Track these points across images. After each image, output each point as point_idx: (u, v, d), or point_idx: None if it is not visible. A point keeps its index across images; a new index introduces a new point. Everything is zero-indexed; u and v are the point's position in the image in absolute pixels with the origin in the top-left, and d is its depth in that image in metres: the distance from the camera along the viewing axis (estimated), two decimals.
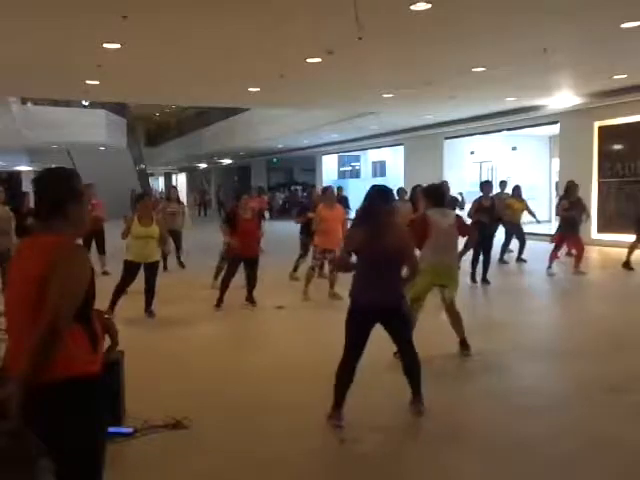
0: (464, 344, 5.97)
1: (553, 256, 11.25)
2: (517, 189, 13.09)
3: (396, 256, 4.30)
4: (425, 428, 4.31)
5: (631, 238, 11.25)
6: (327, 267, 9.29)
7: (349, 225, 10.04)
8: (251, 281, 8.52)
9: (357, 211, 4.79)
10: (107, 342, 2.68)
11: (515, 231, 12.83)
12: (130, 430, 4.13)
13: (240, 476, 3.70)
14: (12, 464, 2.33)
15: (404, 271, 4.50)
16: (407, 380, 4.46)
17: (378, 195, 4.37)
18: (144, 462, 3.84)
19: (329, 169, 31.82)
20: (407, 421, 4.29)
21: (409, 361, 4.46)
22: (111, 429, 3.50)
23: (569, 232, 11.10)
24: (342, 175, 32.60)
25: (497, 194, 13.33)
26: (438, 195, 6.02)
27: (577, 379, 5.38)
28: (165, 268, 11.18)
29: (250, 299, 8.56)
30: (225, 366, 5.88)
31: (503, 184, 13.66)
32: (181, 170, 50.59)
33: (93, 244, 11.28)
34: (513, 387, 5.24)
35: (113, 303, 7.74)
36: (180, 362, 6.01)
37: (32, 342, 2.22)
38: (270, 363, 5.98)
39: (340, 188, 16.20)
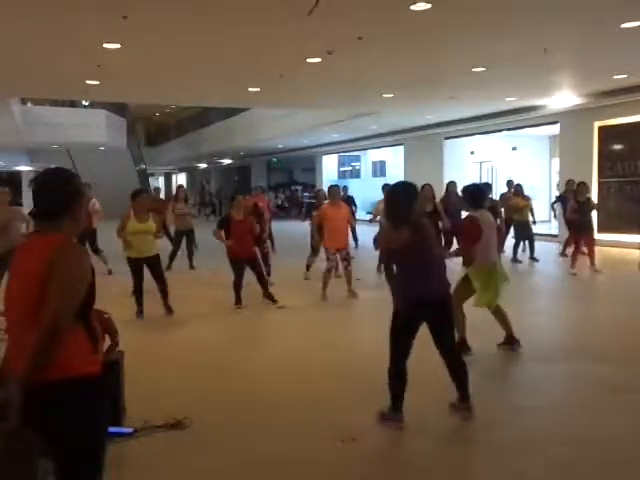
0: (512, 339, 6.04)
1: (574, 257, 11.17)
2: (519, 187, 13.12)
3: (435, 251, 4.35)
4: (425, 428, 4.30)
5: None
6: (341, 266, 9.25)
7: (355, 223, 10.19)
8: (259, 280, 8.54)
9: (387, 209, 4.48)
10: (107, 342, 2.68)
11: (524, 230, 12.83)
12: (130, 430, 4.14)
13: (240, 476, 3.70)
14: (12, 465, 2.33)
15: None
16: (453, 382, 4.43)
17: (407, 192, 4.29)
18: (144, 462, 3.84)
19: (329, 169, 31.79)
20: (406, 421, 4.28)
21: (453, 361, 4.40)
22: (111, 429, 3.49)
23: (582, 233, 11.14)
24: (342, 175, 32.55)
25: (503, 194, 13.37)
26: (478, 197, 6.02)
27: (578, 379, 5.38)
28: (169, 267, 11.17)
29: (268, 296, 8.57)
30: (226, 366, 5.88)
31: (510, 183, 13.67)
32: (181, 170, 50.54)
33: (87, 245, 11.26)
34: (514, 386, 5.24)
35: (139, 305, 7.92)
36: (180, 362, 6.01)
37: (32, 342, 2.22)
38: (271, 363, 5.99)
39: (345, 188, 16.30)
